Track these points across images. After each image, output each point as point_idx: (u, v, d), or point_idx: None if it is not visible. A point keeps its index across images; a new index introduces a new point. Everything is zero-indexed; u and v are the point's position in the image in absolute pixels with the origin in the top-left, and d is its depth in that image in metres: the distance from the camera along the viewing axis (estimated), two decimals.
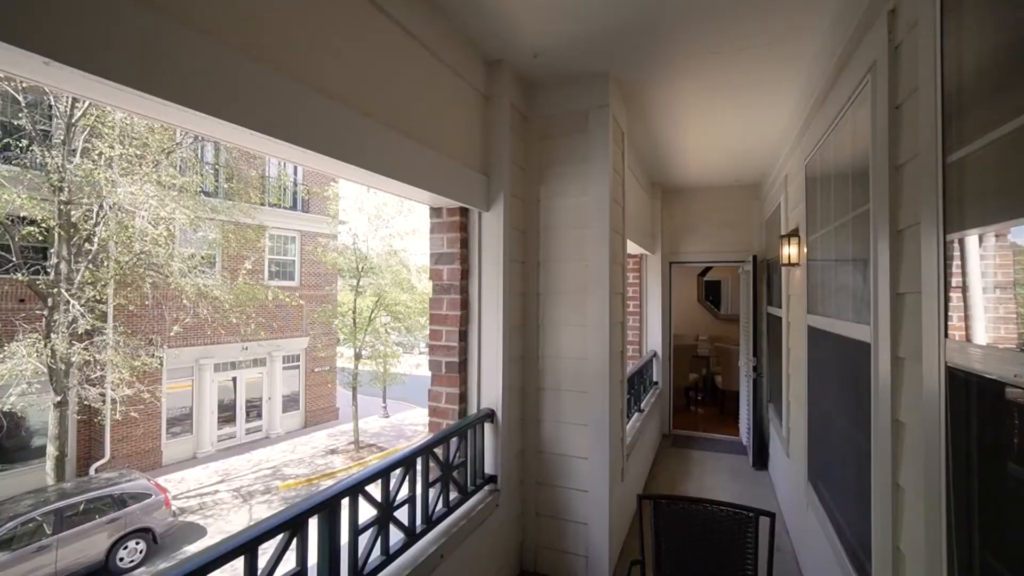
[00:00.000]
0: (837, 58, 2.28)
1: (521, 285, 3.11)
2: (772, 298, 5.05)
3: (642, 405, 4.99)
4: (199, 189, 9.79)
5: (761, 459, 5.36)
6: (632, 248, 5.21)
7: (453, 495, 2.49)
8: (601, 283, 2.97)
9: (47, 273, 8.23)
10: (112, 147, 8.03)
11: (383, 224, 13.48)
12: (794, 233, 3.55)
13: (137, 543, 7.41)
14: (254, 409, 13.38)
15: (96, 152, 8.01)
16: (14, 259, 7.86)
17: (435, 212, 2.91)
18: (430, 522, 2.25)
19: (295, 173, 14.50)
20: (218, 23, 1.39)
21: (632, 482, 4.02)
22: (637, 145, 4.44)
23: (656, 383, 6.28)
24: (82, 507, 7.05)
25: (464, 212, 2.87)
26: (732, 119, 3.77)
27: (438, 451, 2.38)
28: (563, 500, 3.04)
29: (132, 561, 7.33)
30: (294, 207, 14.43)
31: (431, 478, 2.30)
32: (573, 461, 3.03)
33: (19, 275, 7.84)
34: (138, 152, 8.38)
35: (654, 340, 6.42)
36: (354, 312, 13.08)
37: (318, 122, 1.69)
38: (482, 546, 2.61)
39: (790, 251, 3.55)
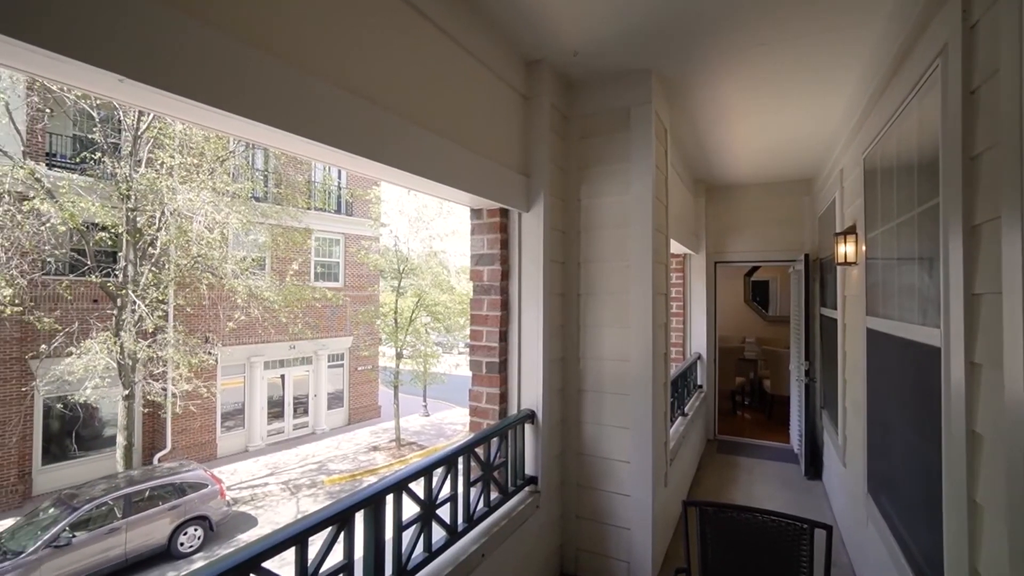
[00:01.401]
0: (900, 43, 2.14)
1: (561, 286, 3.09)
2: (826, 299, 4.80)
3: (686, 409, 4.85)
4: (250, 195, 10.28)
5: (814, 468, 5.10)
6: (675, 248, 5.08)
7: (494, 495, 2.50)
8: (644, 284, 2.90)
9: (116, 276, 8.85)
10: (172, 157, 8.55)
11: (423, 226, 13.74)
12: (851, 230, 3.36)
13: (196, 530, 7.85)
14: (301, 406, 13.92)
15: (159, 162, 8.56)
16: (89, 263, 8.51)
17: (475, 213, 2.93)
18: (471, 521, 2.27)
19: (339, 177, 15.01)
20: (272, 37, 1.46)
21: (676, 488, 3.91)
22: (680, 142, 4.32)
23: (700, 386, 6.09)
24: (147, 494, 7.54)
25: (504, 213, 2.87)
26: (781, 113, 3.61)
27: (479, 451, 2.39)
28: (604, 504, 2.99)
29: (191, 546, 7.78)
30: (338, 210, 14.94)
31: (472, 477, 2.32)
32: (615, 464, 2.97)
33: (93, 277, 8.48)
34: (195, 161, 8.89)
35: (698, 342, 6.23)
36: (395, 312, 13.38)
37: (359, 126, 1.73)
38: (522, 547, 2.60)
39: (846, 249, 3.36)
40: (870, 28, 2.41)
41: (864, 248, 3.08)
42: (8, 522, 7.84)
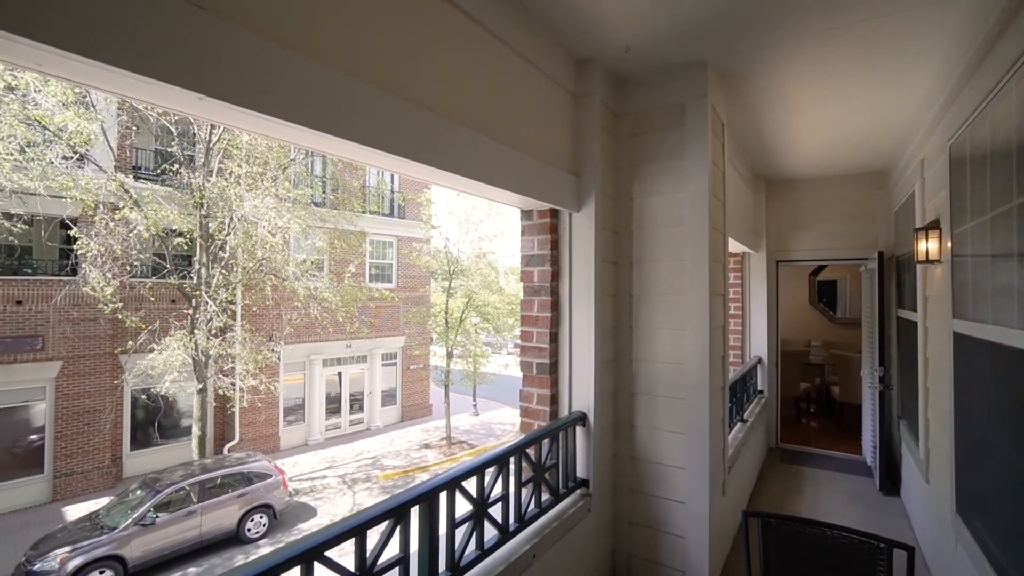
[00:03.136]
0: (996, 16, 1.94)
1: (613, 286, 3.03)
2: (903, 300, 4.43)
3: (745, 415, 4.63)
4: (309, 200, 10.82)
5: (891, 482, 4.72)
6: (734, 246, 4.88)
7: (545, 496, 2.48)
8: (700, 284, 2.80)
9: (191, 278, 9.57)
10: (240, 166, 9.14)
11: (472, 227, 13.94)
12: (934, 225, 3.09)
13: (261, 517, 8.35)
14: (356, 402, 14.49)
15: (227, 171, 9.18)
16: (168, 266, 9.25)
17: (525, 214, 2.93)
18: (523, 521, 2.26)
19: (392, 181, 15.50)
20: (335, 50, 1.52)
21: (735, 497, 3.74)
22: (738, 136, 4.13)
23: (761, 392, 5.79)
24: (218, 481, 8.10)
25: (554, 214, 2.85)
26: (852, 101, 3.36)
27: (530, 451, 2.39)
28: (659, 510, 2.90)
29: (257, 533, 8.28)
30: (391, 214, 15.44)
31: (523, 478, 2.32)
32: (669, 470, 2.88)
33: (171, 279, 9.22)
34: (260, 169, 9.46)
35: (758, 345, 5.93)
36: (446, 313, 13.66)
37: (412, 131, 1.77)
38: (574, 550, 2.57)
39: (928, 246, 3.09)
40: (958, 2, 2.20)
41: (950, 244, 2.82)
42: (103, 500, 8.67)
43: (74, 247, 8.75)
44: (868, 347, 5.40)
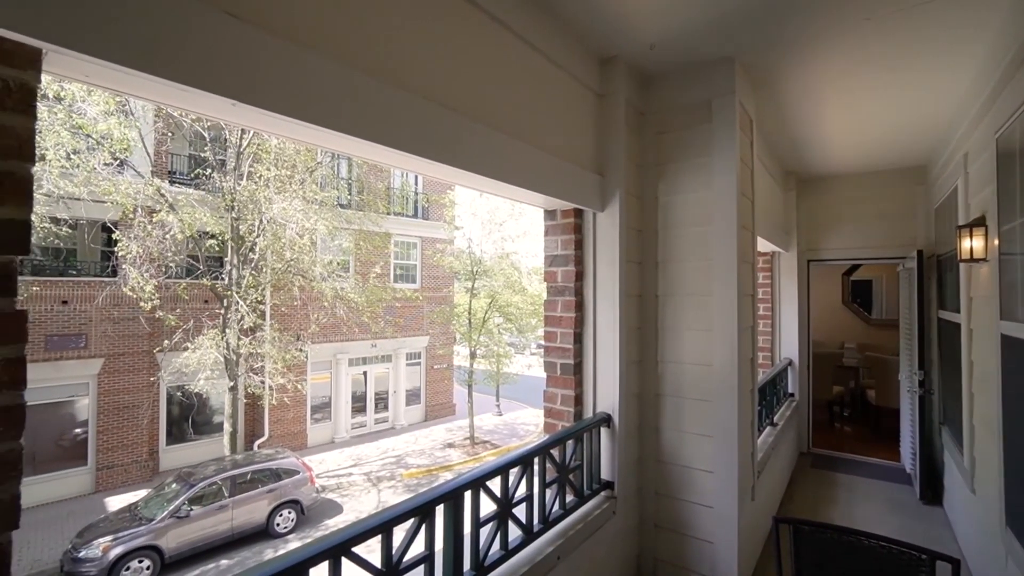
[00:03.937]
0: None
1: (638, 287, 2.99)
2: (945, 300, 4.24)
3: (775, 418, 4.51)
4: (335, 202, 11.02)
5: (932, 491, 4.52)
6: (763, 246, 4.75)
7: (569, 498, 2.47)
8: (728, 284, 2.73)
9: (222, 279, 9.87)
10: (269, 169, 9.38)
11: (495, 228, 13.97)
12: (979, 222, 2.94)
13: (289, 512, 8.55)
14: (381, 401, 14.70)
15: (257, 175, 9.43)
16: (201, 267, 9.56)
17: (549, 214, 2.92)
18: (547, 522, 2.26)
19: (416, 183, 15.67)
20: (362, 55, 1.55)
21: (764, 502, 3.64)
22: (767, 132, 4.02)
23: (792, 395, 5.63)
24: (249, 477, 8.32)
25: (578, 213, 2.83)
26: (888, 94, 3.23)
27: (554, 452, 2.37)
28: (685, 514, 2.85)
29: (285, 528, 8.47)
30: (415, 215, 15.61)
31: (548, 479, 2.30)
32: (696, 474, 2.82)
33: (205, 280, 9.52)
34: (288, 173, 9.69)
35: (789, 347, 5.76)
36: (469, 313, 13.73)
37: (437, 132, 1.78)
38: (598, 552, 2.54)
39: (973, 244, 2.95)
40: None
41: (997, 242, 2.68)
42: (142, 492, 9.02)
43: (115, 249, 9.13)
44: (907, 350, 5.19)
